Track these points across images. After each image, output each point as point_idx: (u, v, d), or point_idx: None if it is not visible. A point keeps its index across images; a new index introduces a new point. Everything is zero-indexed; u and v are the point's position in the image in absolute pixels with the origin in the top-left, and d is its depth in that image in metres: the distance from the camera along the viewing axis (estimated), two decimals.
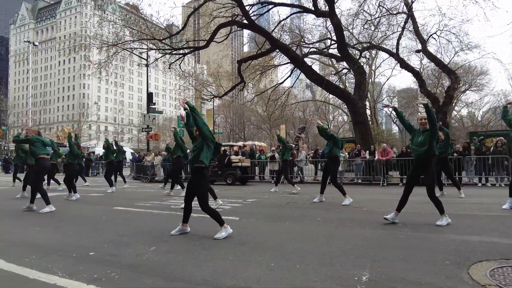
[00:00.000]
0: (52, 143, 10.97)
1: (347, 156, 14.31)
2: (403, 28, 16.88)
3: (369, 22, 17.16)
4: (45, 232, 4.96)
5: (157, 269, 3.17)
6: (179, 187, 9.89)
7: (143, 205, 7.90)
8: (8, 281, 2.93)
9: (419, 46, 17.73)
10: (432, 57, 17.68)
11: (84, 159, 16.67)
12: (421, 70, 28.79)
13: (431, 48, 18.93)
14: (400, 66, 18.24)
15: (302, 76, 19.19)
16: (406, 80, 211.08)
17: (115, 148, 12.18)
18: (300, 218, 5.89)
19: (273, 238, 4.40)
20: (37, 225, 5.49)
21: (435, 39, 17.69)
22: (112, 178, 11.69)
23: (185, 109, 4.53)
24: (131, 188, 12.77)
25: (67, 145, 9.88)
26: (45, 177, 10.76)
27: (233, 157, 14.50)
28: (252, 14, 16.07)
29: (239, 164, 14.16)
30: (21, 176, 13.85)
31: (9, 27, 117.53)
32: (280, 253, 3.65)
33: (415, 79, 19.50)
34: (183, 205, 6.99)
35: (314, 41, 19.63)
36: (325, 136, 7.95)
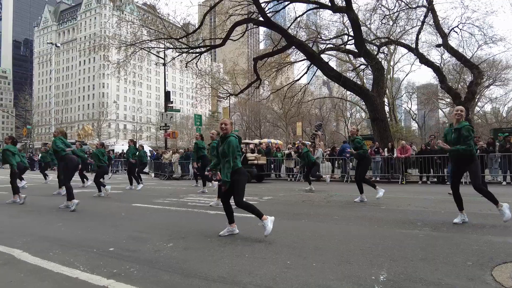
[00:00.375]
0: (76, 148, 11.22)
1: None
2: (423, 22, 16.43)
3: (387, 16, 16.79)
4: (67, 227, 5.12)
5: (175, 265, 3.22)
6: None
7: (161, 202, 8.04)
8: (34, 274, 3.05)
9: (440, 41, 17.21)
10: (453, 52, 17.14)
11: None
12: (442, 65, 28.03)
13: (453, 42, 18.44)
14: (420, 62, 17.77)
15: (319, 72, 19.03)
16: (426, 76, 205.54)
17: (136, 149, 12.28)
18: (316, 216, 5.84)
19: (289, 236, 4.39)
20: (60, 221, 5.68)
21: (456, 32, 17.15)
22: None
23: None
24: (150, 185, 12.99)
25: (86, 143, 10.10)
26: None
27: (249, 154, 14.53)
28: (268, 11, 16.01)
29: (255, 161, 14.18)
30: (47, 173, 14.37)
31: (33, 29, 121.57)
32: (296, 251, 3.64)
33: (435, 75, 18.96)
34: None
35: (331, 37, 19.37)
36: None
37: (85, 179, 12.57)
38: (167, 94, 23.93)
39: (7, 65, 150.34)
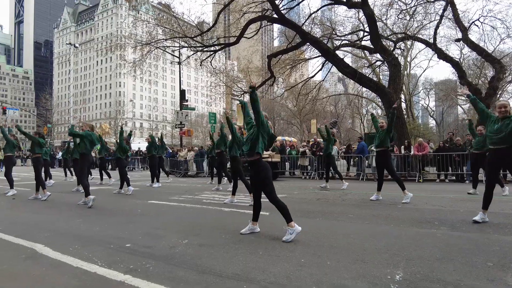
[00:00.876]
0: (100, 138, 11.41)
1: None
2: (442, 16, 16.00)
3: (404, 11, 16.43)
4: (86, 223, 5.26)
5: (189, 262, 3.26)
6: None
7: (177, 199, 8.14)
8: (55, 268, 3.15)
9: (459, 35, 16.73)
10: (474, 46, 16.62)
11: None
12: (461, 60, 27.23)
13: (473, 36, 17.91)
14: (438, 57, 17.32)
15: (334, 69, 18.80)
16: (444, 71, 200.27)
17: (158, 144, 12.24)
18: (331, 215, 5.80)
19: (303, 234, 4.36)
20: (79, 217, 5.83)
21: (477, 26, 16.62)
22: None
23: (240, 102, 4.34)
24: (166, 183, 13.17)
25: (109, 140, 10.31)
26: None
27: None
28: (282, 8, 15.92)
29: (269, 159, 14.16)
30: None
31: (53, 31, 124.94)
32: (311, 249, 3.62)
33: (454, 70, 18.46)
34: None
35: (346, 33, 19.13)
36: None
37: (105, 176, 12.87)
38: (182, 93, 24.19)
39: (29, 66, 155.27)
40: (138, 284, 2.70)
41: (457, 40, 18.01)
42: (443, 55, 17.12)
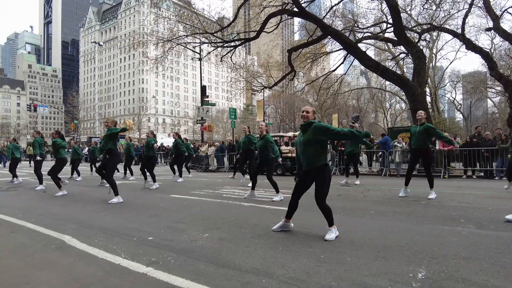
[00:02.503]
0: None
1: (405, 146, 13.52)
2: (471, 4, 15.26)
3: (430, 1, 15.80)
4: (110, 216, 5.44)
5: (209, 255, 3.31)
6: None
7: (198, 193, 8.27)
8: (82, 259, 3.28)
9: (490, 24, 15.92)
10: (506, 35, 15.76)
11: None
12: (492, 51, 26.00)
13: (505, 25, 17.11)
14: (466, 48, 16.56)
15: (356, 62, 18.43)
16: (472, 63, 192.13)
17: (182, 143, 12.33)
18: (352, 211, 5.72)
19: (323, 230, 4.33)
20: (104, 210, 6.04)
21: (510, 13, 15.76)
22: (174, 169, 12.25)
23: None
24: (187, 177, 13.39)
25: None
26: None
27: (282, 147, 14.47)
28: (302, 2, 15.69)
29: (289, 154, 14.11)
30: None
31: (79, 30, 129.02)
32: (331, 246, 3.60)
33: (483, 61, 17.65)
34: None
35: (369, 25, 18.63)
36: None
37: (128, 173, 13.17)
38: (203, 89, 24.41)
39: (57, 64, 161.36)
40: (159, 276, 2.77)
41: (488, 29, 17.18)
42: (472, 46, 16.36)
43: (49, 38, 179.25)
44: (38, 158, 9.67)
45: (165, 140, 42.27)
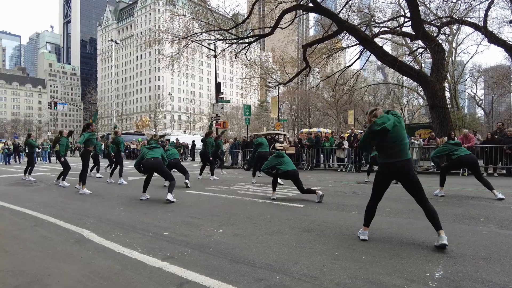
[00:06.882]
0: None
1: (422, 143, 13.24)
2: None
3: None
4: (127, 212, 5.55)
5: (224, 251, 3.34)
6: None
7: (213, 189, 8.34)
8: (100, 253, 3.37)
9: None
10: None
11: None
12: None
13: None
14: (488, 41, 16.03)
15: (373, 57, 18.08)
16: (495, 57, 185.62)
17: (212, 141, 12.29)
18: None
19: (338, 227, 4.31)
20: (120, 206, 6.18)
21: None
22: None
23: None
24: (203, 174, 13.48)
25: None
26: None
27: (277, 144, 14.49)
28: None
29: (284, 151, 14.16)
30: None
31: (97, 29, 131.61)
32: (345, 243, 3.57)
33: (507, 55, 17.03)
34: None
35: (385, 19, 18.31)
36: None
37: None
38: (217, 86, 24.50)
39: (76, 63, 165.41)
40: (175, 271, 2.81)
41: None
42: (494, 39, 15.82)
43: (68, 37, 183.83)
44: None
45: (182, 137, 42.69)
